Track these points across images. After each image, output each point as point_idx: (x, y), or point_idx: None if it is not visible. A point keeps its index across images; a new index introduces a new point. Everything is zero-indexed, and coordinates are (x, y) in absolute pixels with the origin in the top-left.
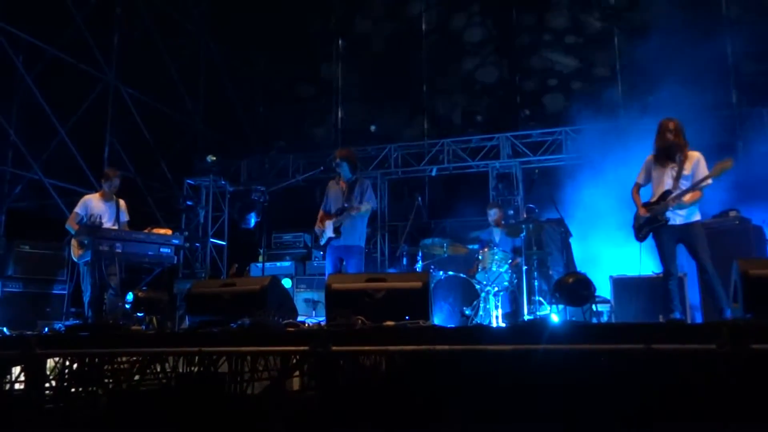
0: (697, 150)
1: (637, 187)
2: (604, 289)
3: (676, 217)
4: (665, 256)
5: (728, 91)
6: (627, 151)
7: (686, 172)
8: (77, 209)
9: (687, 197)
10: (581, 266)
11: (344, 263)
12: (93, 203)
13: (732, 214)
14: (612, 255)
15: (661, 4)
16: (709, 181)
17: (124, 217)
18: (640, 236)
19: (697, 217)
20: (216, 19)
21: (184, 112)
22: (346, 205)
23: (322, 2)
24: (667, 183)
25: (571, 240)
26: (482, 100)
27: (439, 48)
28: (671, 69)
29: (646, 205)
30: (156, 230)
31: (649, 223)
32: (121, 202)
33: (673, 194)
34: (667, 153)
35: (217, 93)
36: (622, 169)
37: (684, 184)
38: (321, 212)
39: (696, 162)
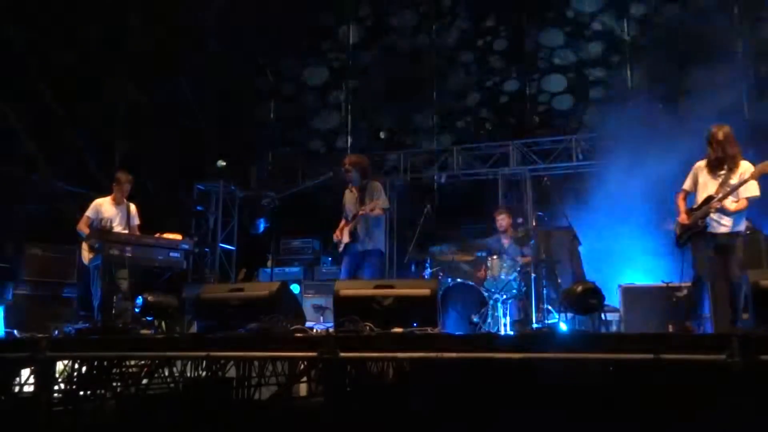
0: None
1: (684, 194)
2: (613, 298)
3: (719, 226)
4: (699, 264)
5: (740, 98)
6: (638, 159)
7: (732, 180)
8: (88, 213)
9: (731, 206)
10: (590, 275)
11: (360, 271)
12: (104, 207)
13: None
14: (621, 264)
15: (673, 12)
16: (756, 192)
17: (135, 221)
18: (680, 242)
19: (741, 227)
20: (225, 22)
21: (194, 117)
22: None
23: (333, 8)
24: (711, 189)
25: (580, 248)
26: (492, 107)
27: (449, 55)
28: (683, 77)
29: (689, 210)
30: (166, 235)
31: (689, 229)
32: (132, 206)
33: (715, 199)
34: (719, 162)
35: (228, 98)
36: (633, 177)
37: (726, 192)
38: (342, 222)
39: (744, 172)
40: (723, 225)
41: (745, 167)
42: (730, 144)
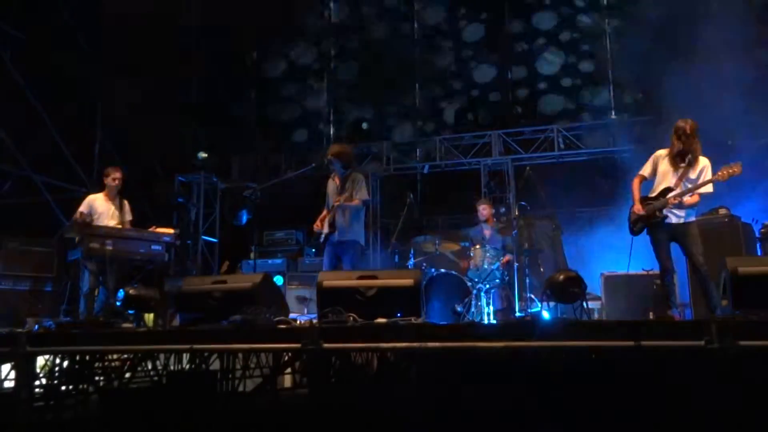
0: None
1: (640, 179)
2: (595, 286)
3: (672, 216)
4: (660, 253)
5: (721, 88)
6: (618, 149)
7: (692, 175)
8: (81, 208)
9: (687, 199)
10: (572, 263)
11: (340, 261)
12: (97, 203)
13: (722, 211)
14: (603, 252)
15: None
16: (710, 189)
17: (128, 216)
18: (634, 230)
19: (692, 218)
20: (208, 13)
21: (175, 108)
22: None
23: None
24: (671, 181)
25: (562, 237)
26: (475, 98)
27: (432, 45)
28: (662, 66)
29: (644, 199)
30: (159, 229)
31: (646, 219)
32: (125, 203)
33: (674, 193)
34: (681, 154)
35: (209, 89)
36: (613, 167)
37: (686, 186)
38: (324, 211)
39: (703, 168)
40: (676, 216)
41: (704, 163)
42: (694, 138)
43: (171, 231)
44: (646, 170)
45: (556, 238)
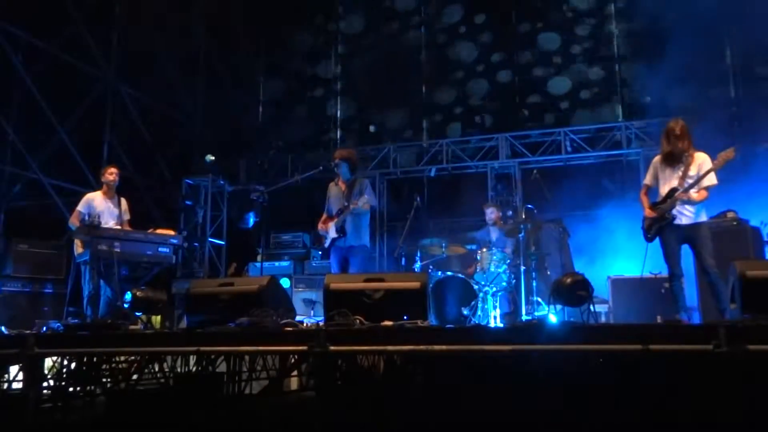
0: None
1: (645, 188)
2: (602, 289)
3: (682, 217)
4: (669, 257)
5: (727, 92)
6: (625, 151)
7: (692, 171)
8: (79, 207)
9: (695, 195)
10: (579, 266)
11: (347, 266)
12: (96, 201)
13: (730, 215)
14: (610, 255)
15: (661, 5)
16: (714, 181)
17: (126, 215)
18: (648, 237)
19: (703, 217)
20: (215, 18)
21: (183, 111)
22: (346, 203)
23: (323, 2)
24: (674, 182)
25: (569, 240)
26: (481, 101)
27: (438, 48)
28: (670, 70)
29: (653, 205)
30: (159, 231)
31: (656, 222)
32: (123, 201)
33: (680, 191)
34: (674, 155)
35: (216, 93)
36: (620, 170)
37: (689, 183)
38: (324, 215)
39: (701, 163)
40: (686, 215)
41: (703, 158)
42: (684, 138)
43: (172, 232)
44: (647, 179)
45: (563, 241)
